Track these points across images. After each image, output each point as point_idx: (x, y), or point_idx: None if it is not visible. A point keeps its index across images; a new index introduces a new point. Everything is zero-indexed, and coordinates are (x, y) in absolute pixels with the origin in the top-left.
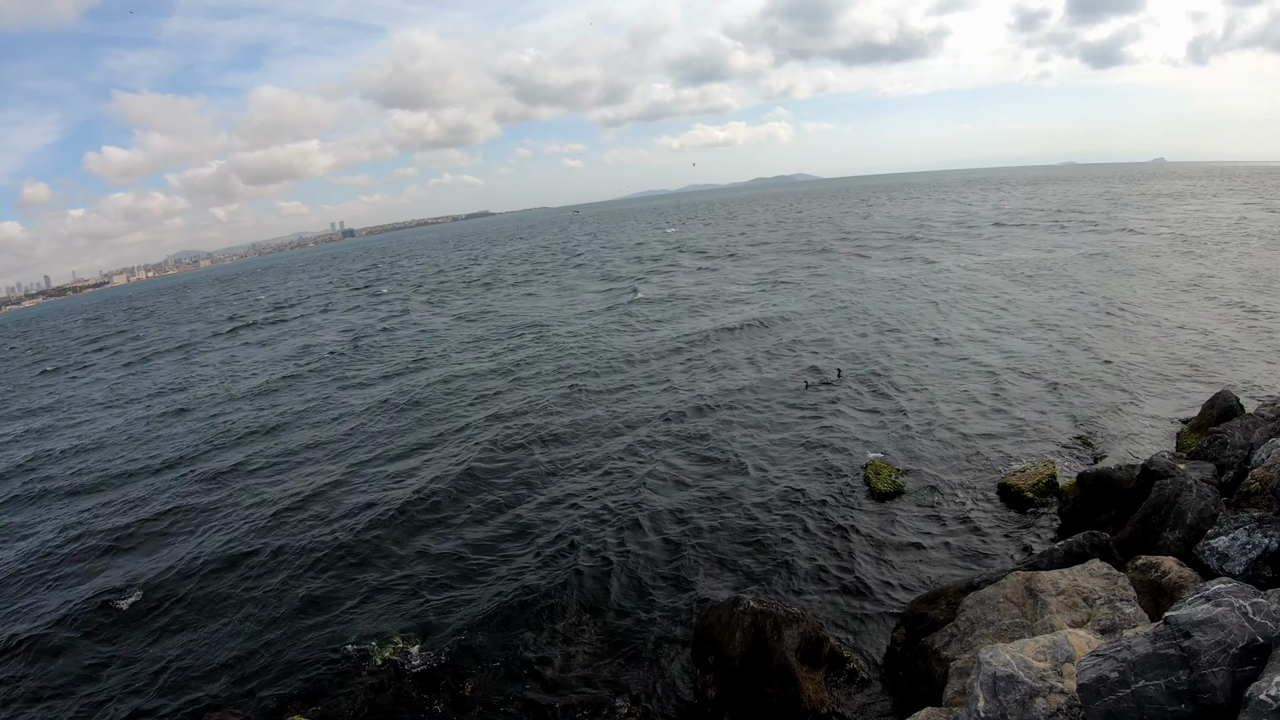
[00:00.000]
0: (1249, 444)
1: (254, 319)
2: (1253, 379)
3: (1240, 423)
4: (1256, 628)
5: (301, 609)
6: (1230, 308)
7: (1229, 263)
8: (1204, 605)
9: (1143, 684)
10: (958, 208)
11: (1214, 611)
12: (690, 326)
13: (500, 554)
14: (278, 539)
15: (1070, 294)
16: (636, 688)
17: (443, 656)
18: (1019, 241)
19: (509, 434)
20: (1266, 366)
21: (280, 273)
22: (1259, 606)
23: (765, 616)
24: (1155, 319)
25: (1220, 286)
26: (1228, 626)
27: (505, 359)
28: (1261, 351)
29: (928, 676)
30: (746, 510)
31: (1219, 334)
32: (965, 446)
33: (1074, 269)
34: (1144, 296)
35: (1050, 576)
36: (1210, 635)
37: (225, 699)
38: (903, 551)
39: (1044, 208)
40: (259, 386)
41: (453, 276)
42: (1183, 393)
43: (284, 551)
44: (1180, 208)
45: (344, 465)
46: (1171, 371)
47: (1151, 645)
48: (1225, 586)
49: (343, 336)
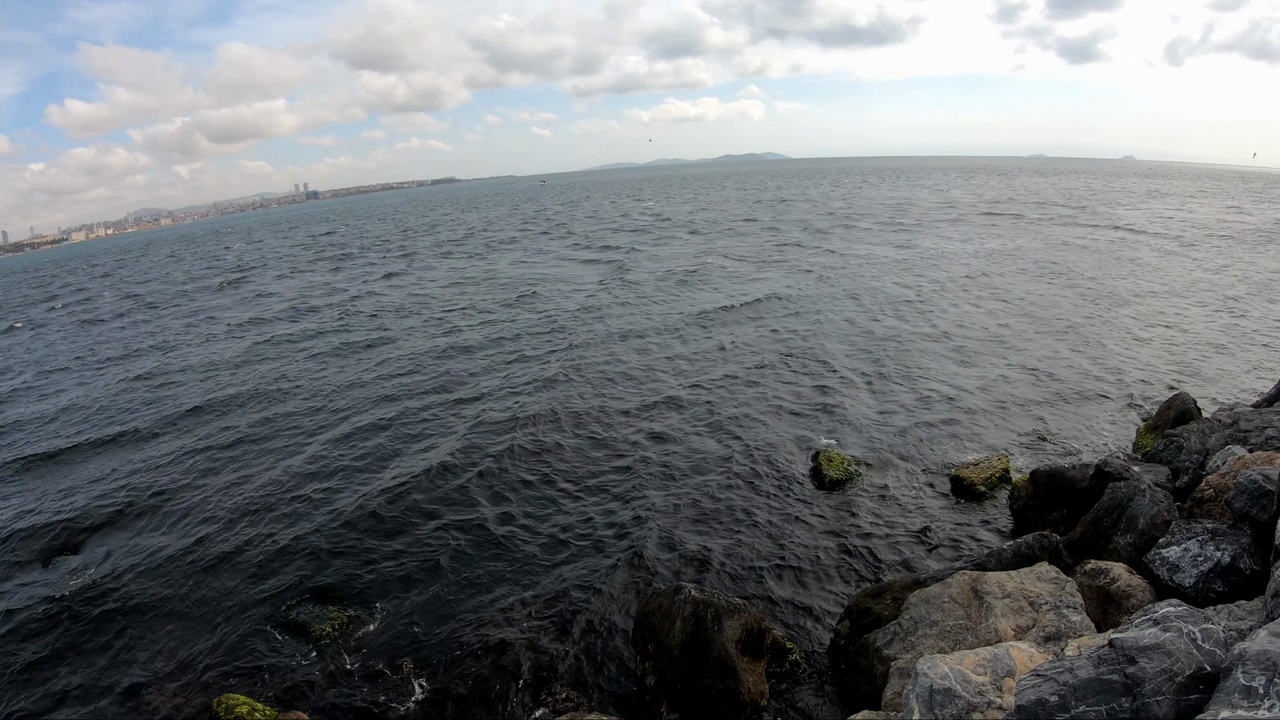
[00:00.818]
0: (1205, 449)
1: (222, 280)
2: (1212, 382)
3: (1197, 427)
4: (1205, 655)
5: (242, 586)
6: (1200, 309)
7: (1206, 263)
8: (1151, 629)
9: (1083, 709)
10: (937, 194)
11: (1161, 637)
12: (669, 309)
13: (439, 533)
14: (218, 513)
15: (1043, 287)
16: (575, 673)
17: (383, 634)
18: (998, 231)
19: (446, 409)
20: (1227, 371)
21: (244, 233)
22: (1208, 633)
23: (706, 606)
24: (1126, 315)
25: (1193, 286)
26: (1175, 654)
27: (470, 335)
28: (1225, 355)
29: (869, 674)
30: (692, 495)
31: (1186, 335)
32: (920, 436)
33: (1049, 261)
34: (1118, 293)
35: (997, 578)
36: (1156, 662)
37: (165, 675)
38: (851, 542)
39: (1024, 198)
40: (225, 355)
41: (426, 241)
42: (1142, 392)
43: (226, 526)
44: (1159, 205)
45: (301, 440)
46: (1133, 369)
47: (1095, 669)
48: (1175, 610)
49: (316, 301)
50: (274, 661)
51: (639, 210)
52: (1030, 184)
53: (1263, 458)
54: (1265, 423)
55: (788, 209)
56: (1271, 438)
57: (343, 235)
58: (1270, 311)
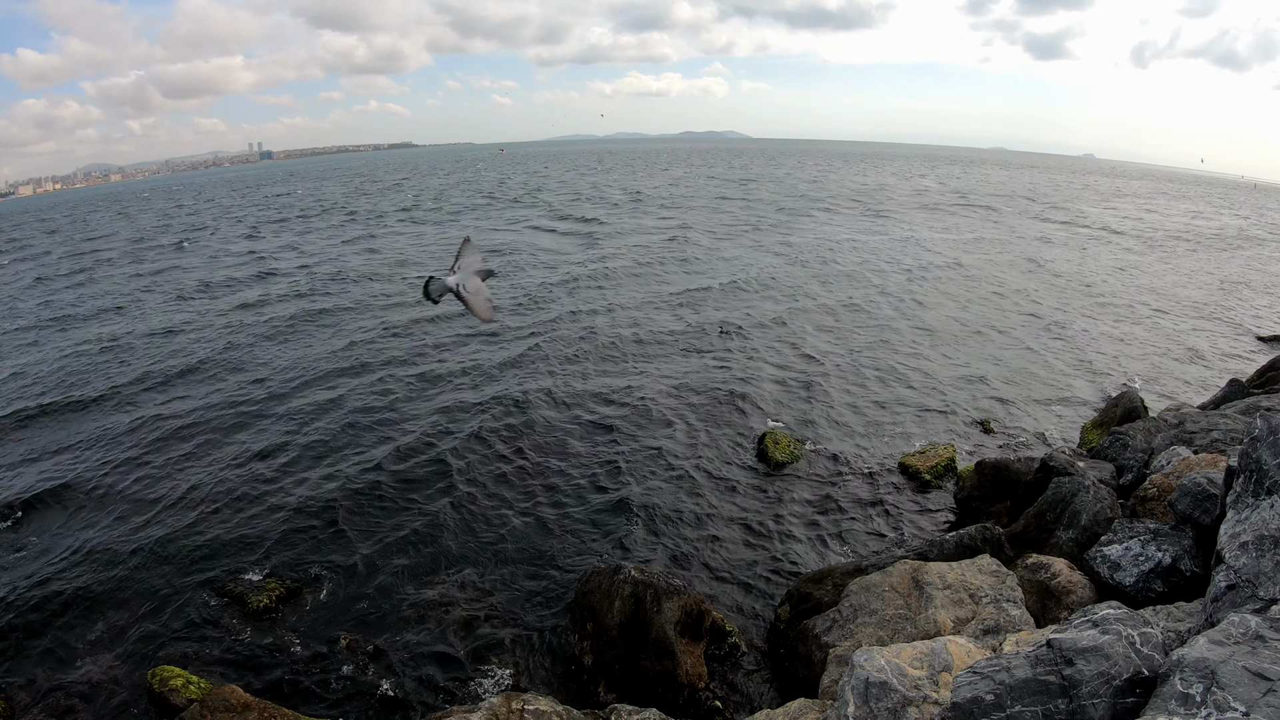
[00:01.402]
0: (1150, 448)
1: (176, 240)
2: (1160, 381)
3: (1143, 425)
4: (1143, 659)
5: (182, 560)
6: (1154, 309)
7: (1165, 265)
8: (1090, 631)
9: (1019, 709)
10: (905, 182)
11: (1100, 639)
12: (637, 288)
13: (383, 510)
14: (163, 488)
15: (1004, 279)
16: (513, 651)
17: (321, 609)
18: (965, 221)
19: (402, 385)
20: (1176, 371)
21: (197, 191)
22: (1147, 637)
23: (646, 587)
24: (1082, 312)
25: (1148, 287)
26: (1113, 657)
27: (435, 307)
28: (1175, 356)
29: (807, 660)
30: (636, 474)
31: (1139, 334)
32: (869, 421)
33: (1014, 254)
34: (1078, 290)
35: (939, 569)
36: (1094, 664)
37: (100, 649)
38: (794, 525)
39: (993, 190)
40: (178, 320)
41: (388, 205)
42: (1091, 388)
43: (170, 500)
44: (1123, 204)
45: (254, 412)
46: (1085, 365)
47: (1032, 669)
48: (1114, 612)
49: (275, 265)
50: (211, 634)
51: (607, 182)
52: (996, 176)
53: (1207, 460)
54: (1211, 425)
55: (756, 188)
56: (1216, 440)
57: (300, 197)
58: (1224, 315)
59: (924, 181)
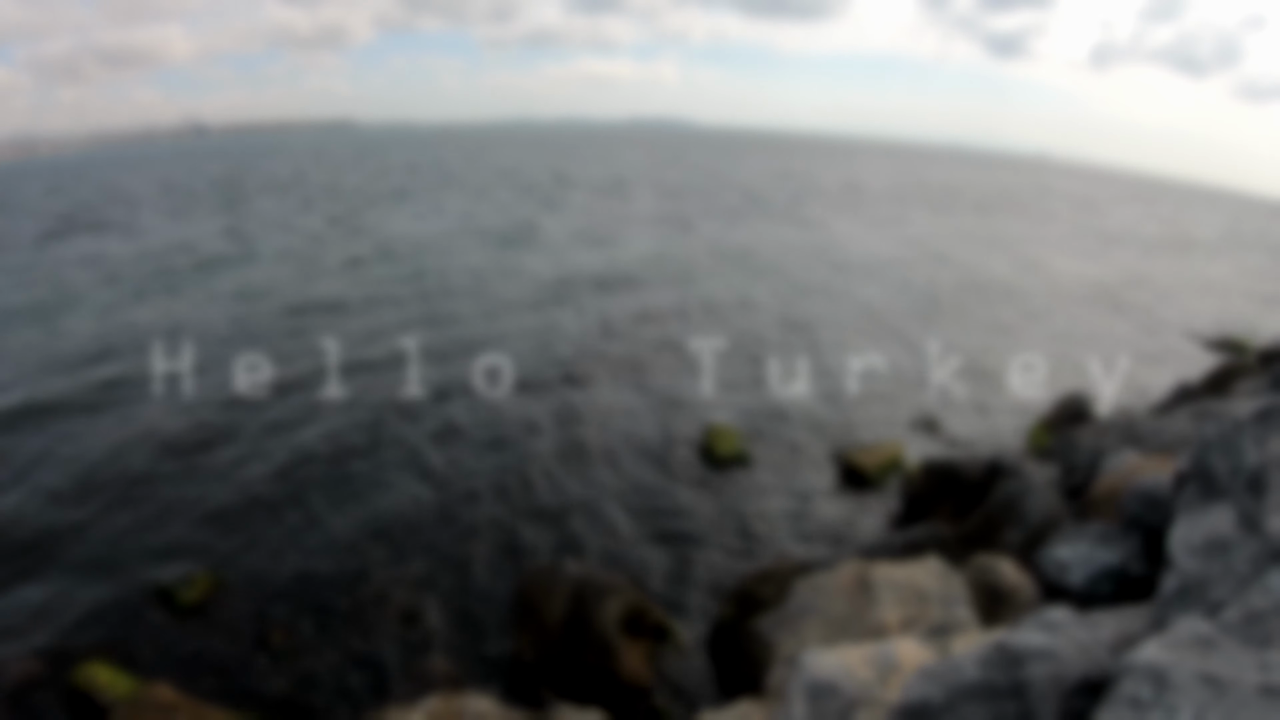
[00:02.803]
0: (1099, 450)
1: (96, 220)
2: (1109, 382)
3: (1092, 427)
4: (1093, 662)
5: (104, 553)
6: (1111, 311)
7: (1126, 266)
8: (1040, 633)
9: (969, 710)
10: (863, 176)
11: (1050, 641)
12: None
13: (317, 501)
14: (81, 478)
15: (964, 277)
16: (451, 648)
17: (252, 602)
18: (927, 216)
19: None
20: (1126, 372)
21: (130, 165)
22: (1097, 640)
23: (587, 584)
24: (1040, 311)
25: (1107, 289)
26: (1063, 659)
27: (393, 289)
28: (1127, 357)
29: (752, 660)
30: (575, 469)
31: (1091, 335)
32: (813, 416)
33: (976, 252)
34: (1037, 290)
35: (886, 569)
36: (1044, 666)
37: (22, 647)
38: (738, 522)
39: (956, 187)
40: (105, 300)
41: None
42: (1040, 387)
43: (88, 491)
44: (1086, 204)
45: (176, 399)
46: (1035, 364)
47: (981, 671)
48: (1064, 615)
49: (211, 248)
50: (138, 630)
51: (574, 169)
52: (960, 174)
53: (1156, 462)
54: (1160, 428)
55: (717, 179)
56: (1166, 443)
57: (247, 174)
58: (1177, 318)
59: (883, 177)
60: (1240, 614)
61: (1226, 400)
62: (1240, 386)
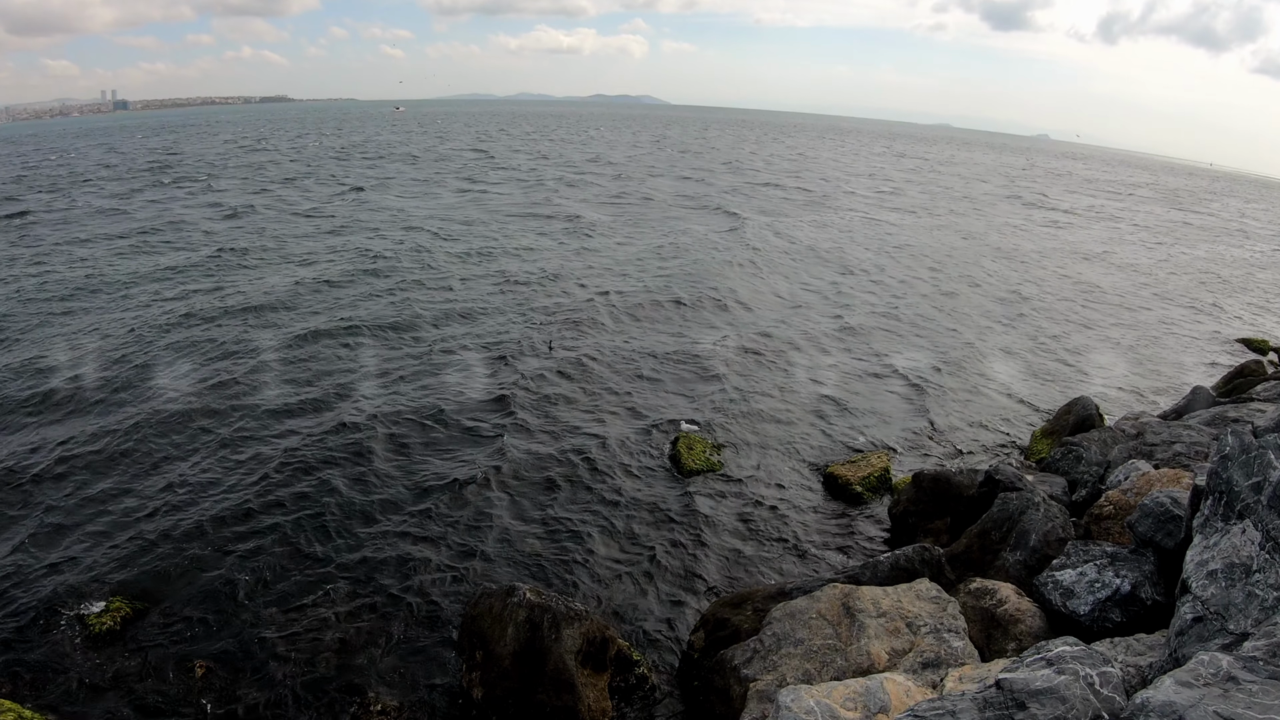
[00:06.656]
0: (1106, 461)
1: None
2: (1117, 387)
3: (1099, 435)
4: (1103, 702)
5: (6, 570)
6: (1118, 311)
7: (1135, 266)
8: (1044, 670)
9: None
10: (851, 158)
11: (1056, 680)
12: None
13: (244, 521)
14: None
15: (960, 272)
16: (392, 682)
17: (173, 630)
18: (918, 206)
19: (266, 383)
20: (1136, 376)
21: (46, 143)
22: (1107, 677)
23: (543, 611)
24: (1040, 310)
25: (1116, 289)
26: (1070, 700)
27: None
28: (1137, 360)
29: (724, 695)
30: (531, 480)
31: (1098, 337)
32: (793, 425)
33: (974, 245)
34: (1039, 286)
35: (872, 594)
36: (1049, 709)
37: None
38: (710, 541)
39: (960, 172)
40: (30, 289)
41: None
42: (1042, 392)
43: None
44: (1088, 186)
45: (104, 406)
46: (1036, 366)
47: (980, 713)
48: (1070, 650)
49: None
50: (47, 661)
51: (544, 148)
52: (960, 156)
53: (1169, 476)
54: (1173, 437)
55: (694, 159)
56: (1179, 454)
57: (175, 152)
58: (1191, 314)
59: (873, 160)
60: (1265, 646)
61: (1245, 406)
62: (1260, 390)
